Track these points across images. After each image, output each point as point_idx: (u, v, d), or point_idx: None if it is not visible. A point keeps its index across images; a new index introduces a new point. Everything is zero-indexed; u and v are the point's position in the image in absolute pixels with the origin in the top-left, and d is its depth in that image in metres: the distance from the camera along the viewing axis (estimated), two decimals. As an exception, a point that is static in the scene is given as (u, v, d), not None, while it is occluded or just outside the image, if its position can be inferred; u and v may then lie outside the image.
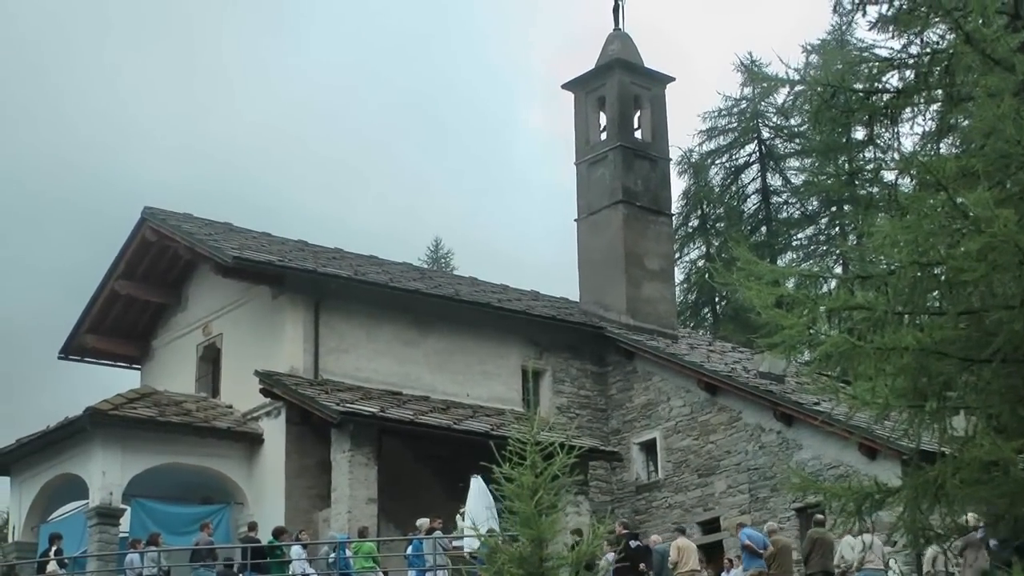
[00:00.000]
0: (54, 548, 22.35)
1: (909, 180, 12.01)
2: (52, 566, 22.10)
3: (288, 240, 28.66)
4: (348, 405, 23.69)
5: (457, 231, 69.59)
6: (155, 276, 28.17)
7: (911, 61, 12.12)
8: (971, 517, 17.42)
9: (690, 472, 27.08)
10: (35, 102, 62.18)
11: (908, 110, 12.25)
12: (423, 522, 21.68)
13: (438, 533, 21.15)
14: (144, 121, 64.94)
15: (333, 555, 21.40)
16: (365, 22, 72.20)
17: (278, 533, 21.86)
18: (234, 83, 67.49)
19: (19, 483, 25.30)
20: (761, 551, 20.46)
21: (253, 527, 22.39)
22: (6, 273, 54.10)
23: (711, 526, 26.24)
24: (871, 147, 34.16)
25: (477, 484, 21.48)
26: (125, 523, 23.43)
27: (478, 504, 21.17)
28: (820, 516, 20.21)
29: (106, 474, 23.19)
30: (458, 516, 22.05)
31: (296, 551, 21.43)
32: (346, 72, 70.61)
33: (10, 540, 25.57)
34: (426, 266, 45.21)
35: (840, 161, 40.29)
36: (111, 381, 32.99)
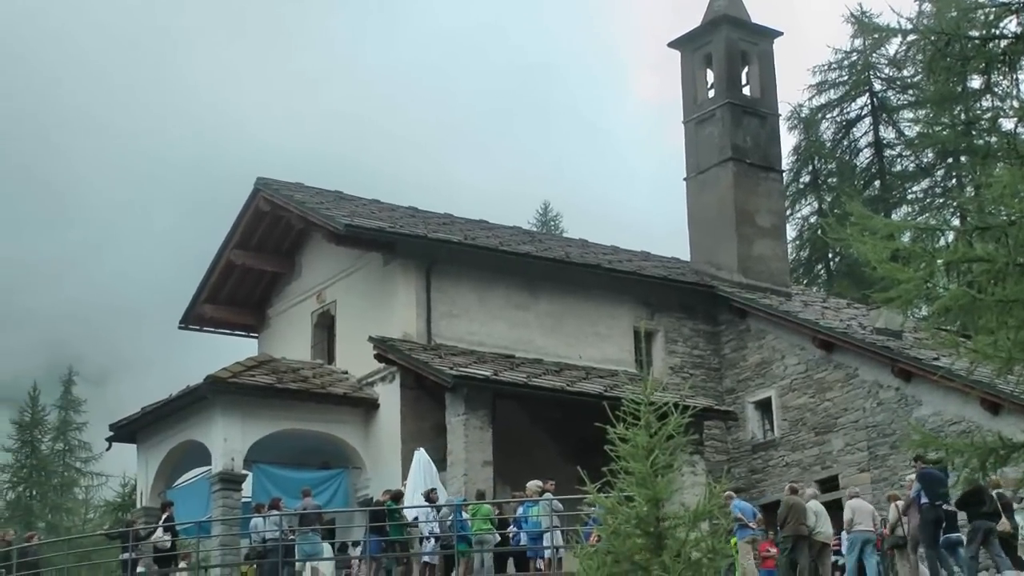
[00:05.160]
0: (165, 515, 22.77)
1: (1029, 128, 11.69)
2: (158, 533, 22.50)
3: (398, 207, 28.87)
4: (461, 369, 23.86)
5: (566, 194, 69.56)
6: (269, 245, 28.62)
7: (1029, 5, 11.75)
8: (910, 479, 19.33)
9: (807, 430, 26.82)
10: (149, 80, 63.40)
11: (1027, 56, 11.89)
12: (533, 484, 21.68)
13: (548, 495, 21.22)
14: (255, 94, 65.85)
15: (451, 518, 21.60)
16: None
17: (397, 497, 22.10)
18: (342, 53, 68.08)
19: (145, 450, 26.00)
20: (751, 523, 21.10)
21: (396, 496, 22.28)
22: (129, 246, 55.46)
23: (830, 484, 25.97)
24: (988, 95, 33.29)
25: (419, 456, 22.27)
26: (247, 488, 23.96)
27: (417, 476, 21.88)
28: (795, 485, 21.56)
29: (227, 440, 23.69)
30: (401, 487, 22.40)
31: (423, 512, 21.59)
32: (455, 39, 70.80)
33: (138, 505, 26.32)
34: (536, 229, 45.21)
35: (956, 111, 39.31)
36: (229, 349, 33.73)
